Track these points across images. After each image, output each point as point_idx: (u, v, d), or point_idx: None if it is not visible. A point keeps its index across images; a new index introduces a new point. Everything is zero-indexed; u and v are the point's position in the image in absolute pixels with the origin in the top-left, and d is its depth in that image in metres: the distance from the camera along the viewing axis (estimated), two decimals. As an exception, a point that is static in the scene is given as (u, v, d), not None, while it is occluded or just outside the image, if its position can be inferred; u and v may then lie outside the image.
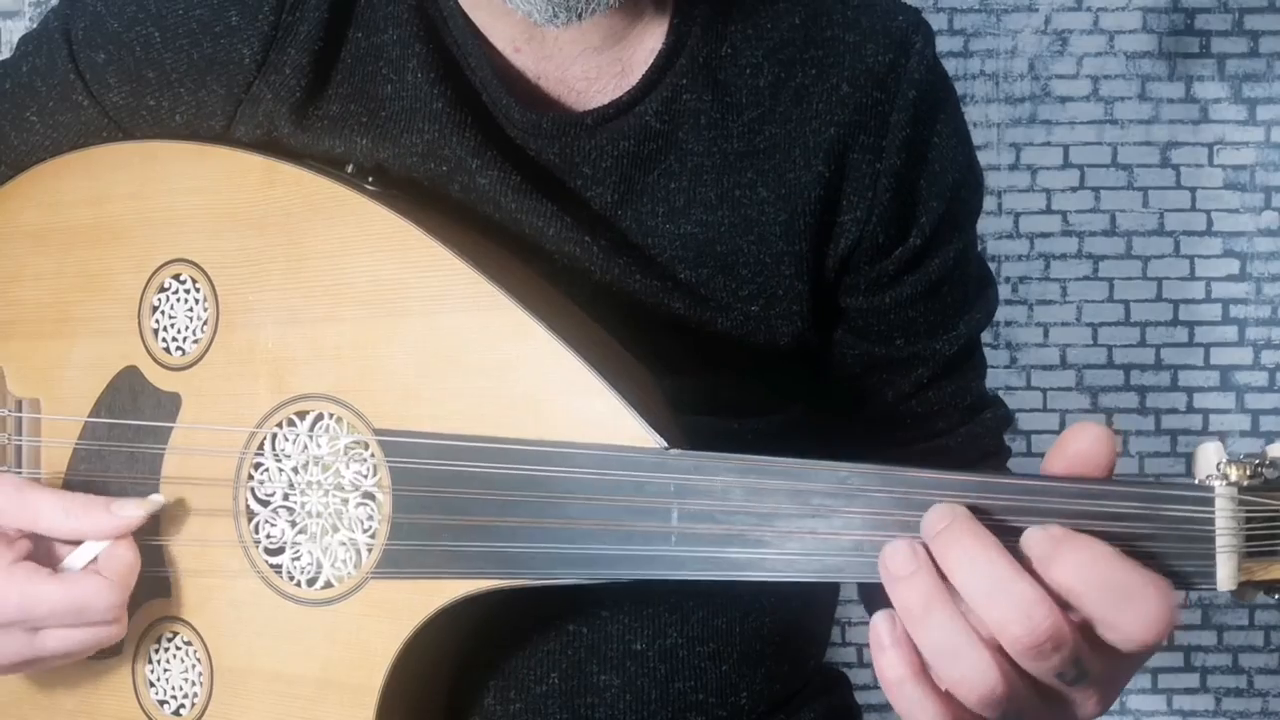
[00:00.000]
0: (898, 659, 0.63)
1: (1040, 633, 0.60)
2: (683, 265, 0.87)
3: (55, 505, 0.80)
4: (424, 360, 0.76)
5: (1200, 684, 1.82)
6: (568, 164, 0.86)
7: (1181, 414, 1.80)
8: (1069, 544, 0.61)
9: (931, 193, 0.90)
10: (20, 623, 0.78)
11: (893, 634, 0.63)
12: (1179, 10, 1.75)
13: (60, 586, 0.77)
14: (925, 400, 0.98)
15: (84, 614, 0.78)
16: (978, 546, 0.61)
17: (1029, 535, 0.62)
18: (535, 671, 0.86)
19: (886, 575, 0.63)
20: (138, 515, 0.80)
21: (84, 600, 0.78)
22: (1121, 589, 0.60)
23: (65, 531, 0.80)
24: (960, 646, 0.61)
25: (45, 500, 0.80)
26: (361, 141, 0.85)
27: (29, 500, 0.80)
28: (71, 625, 0.78)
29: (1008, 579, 0.60)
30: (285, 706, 0.79)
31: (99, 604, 0.78)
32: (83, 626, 0.78)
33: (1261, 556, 0.62)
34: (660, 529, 0.69)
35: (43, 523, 0.80)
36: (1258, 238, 1.79)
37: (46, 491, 0.81)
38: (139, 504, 0.80)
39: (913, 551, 0.63)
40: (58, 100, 0.89)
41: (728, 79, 0.87)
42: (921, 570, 0.62)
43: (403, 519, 0.76)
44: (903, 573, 0.62)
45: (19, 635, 0.78)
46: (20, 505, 0.80)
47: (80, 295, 0.87)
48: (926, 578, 0.62)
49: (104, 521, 0.80)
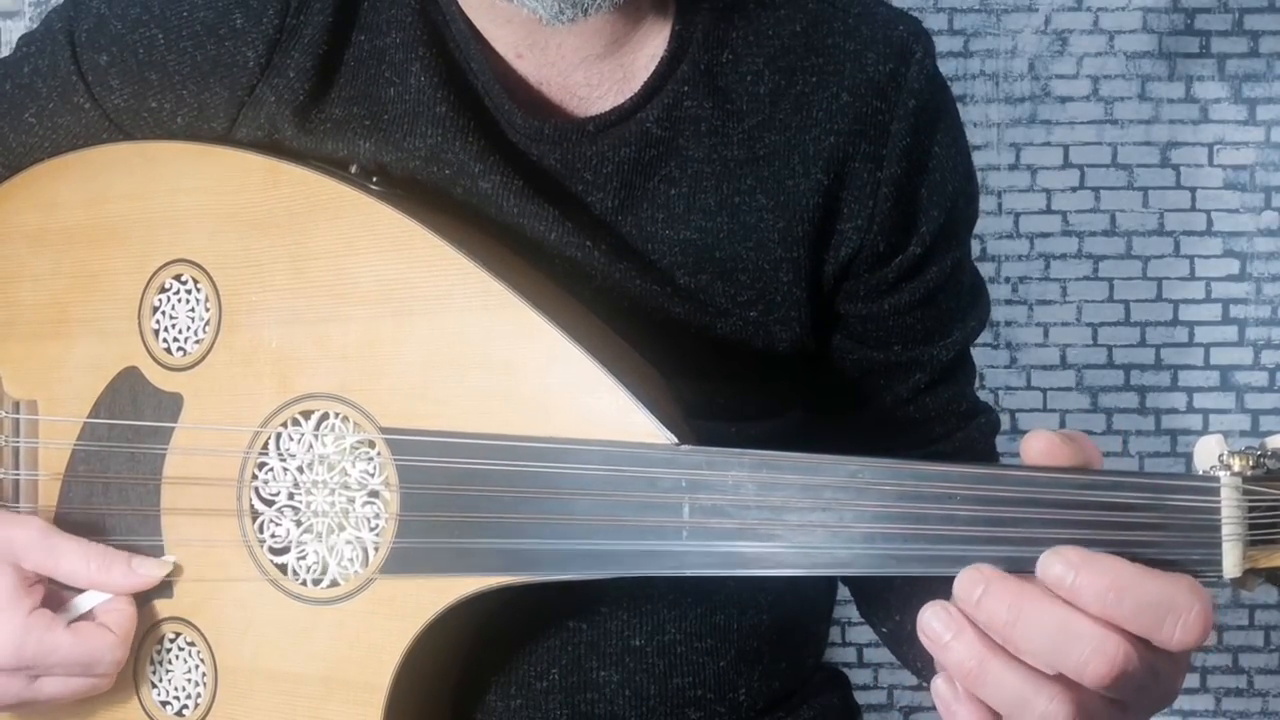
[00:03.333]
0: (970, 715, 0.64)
1: (1119, 663, 0.61)
2: (682, 271, 0.87)
3: (78, 555, 0.81)
4: (431, 359, 0.76)
5: (1200, 684, 1.83)
6: (569, 170, 0.86)
7: (1181, 414, 1.81)
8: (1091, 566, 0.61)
9: (932, 201, 0.91)
10: (28, 669, 0.79)
11: (955, 693, 0.64)
12: (1179, 10, 1.76)
13: (75, 639, 0.79)
14: (922, 406, 0.99)
15: (90, 668, 0.80)
16: (1028, 600, 0.62)
17: (1045, 562, 0.62)
18: (536, 668, 0.87)
19: (932, 643, 0.64)
20: (157, 576, 0.81)
21: (94, 654, 0.80)
22: (1155, 605, 0.61)
23: (83, 580, 0.81)
24: (1025, 692, 0.62)
25: (69, 549, 0.81)
26: (364, 145, 0.85)
27: (54, 546, 0.81)
28: (74, 675, 0.80)
29: (1069, 622, 0.61)
30: (291, 706, 0.79)
31: (107, 659, 0.80)
32: (83, 677, 0.80)
33: (1265, 545, 0.63)
34: (672, 524, 0.70)
35: (64, 570, 0.81)
36: (1258, 238, 1.79)
37: (70, 539, 0.82)
38: (159, 564, 0.82)
39: (949, 614, 0.63)
40: (58, 102, 0.89)
41: (728, 86, 0.87)
42: (965, 629, 0.63)
43: (410, 517, 0.76)
44: (947, 636, 0.63)
45: (21, 679, 0.80)
46: (45, 551, 0.81)
47: (78, 296, 0.87)
48: (971, 635, 0.63)
49: (125, 579, 0.81)
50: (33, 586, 0.81)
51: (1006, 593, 0.62)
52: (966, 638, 0.63)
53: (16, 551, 0.80)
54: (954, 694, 0.64)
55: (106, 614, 0.81)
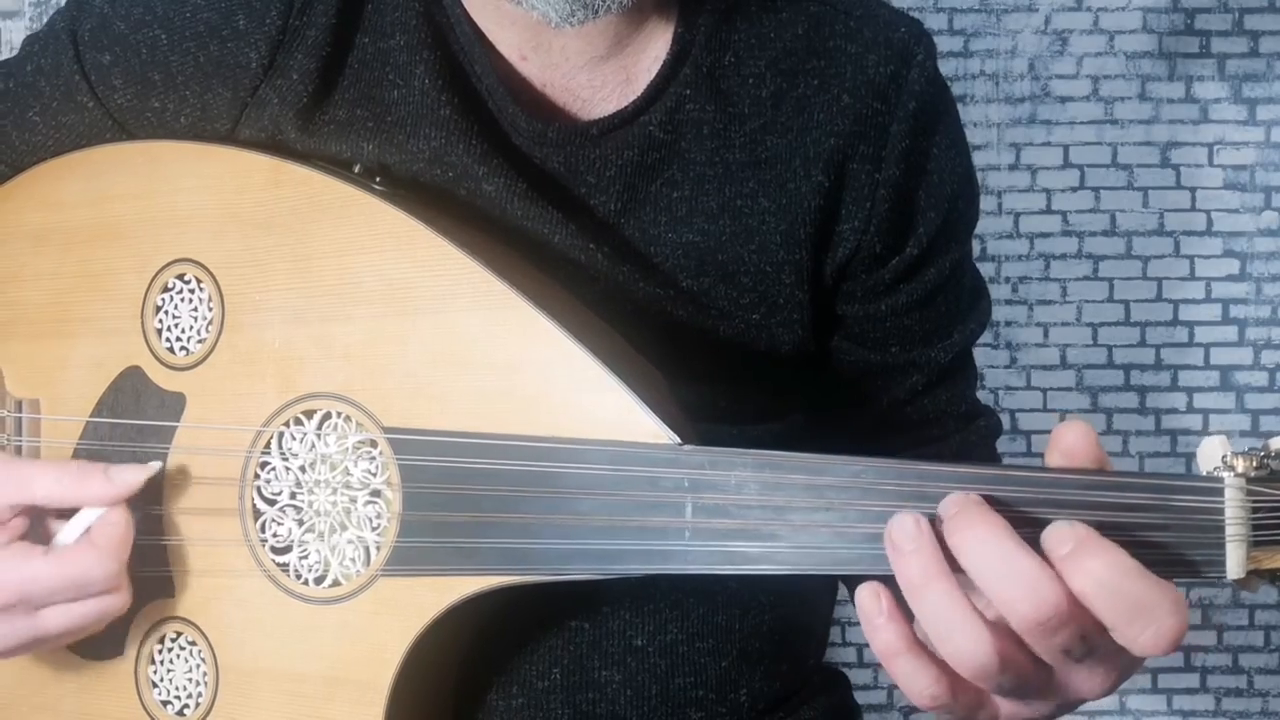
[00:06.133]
0: (893, 633, 0.64)
1: (1046, 609, 0.61)
2: (684, 274, 0.88)
3: (49, 474, 0.78)
4: (434, 358, 0.76)
5: (1200, 684, 1.82)
6: (572, 172, 0.86)
7: (1181, 414, 1.81)
8: (1091, 548, 0.61)
9: (930, 203, 0.91)
10: (20, 604, 0.77)
11: (879, 607, 0.64)
12: (1179, 10, 1.76)
13: (55, 563, 0.76)
14: (920, 407, 0.99)
15: (83, 588, 0.77)
16: (986, 527, 0.62)
17: (1053, 529, 0.62)
18: (537, 667, 0.87)
19: (891, 547, 0.64)
20: (137, 480, 0.79)
21: (81, 574, 0.77)
22: (1136, 603, 0.61)
23: (61, 499, 0.78)
24: (956, 620, 0.62)
25: (38, 471, 0.79)
26: (367, 146, 0.85)
27: (21, 473, 0.79)
28: (72, 600, 0.77)
29: (1013, 557, 0.61)
30: (293, 705, 0.79)
31: (96, 575, 0.77)
32: (84, 600, 0.77)
33: (1268, 545, 0.64)
34: (674, 524, 0.70)
35: (38, 493, 0.78)
36: (1258, 238, 1.79)
37: (39, 462, 0.80)
38: (137, 469, 0.79)
39: (916, 525, 0.63)
40: (62, 100, 0.89)
41: (730, 89, 0.87)
42: (924, 544, 0.63)
43: (413, 516, 0.76)
44: (906, 546, 0.63)
45: (20, 616, 0.77)
46: (12, 478, 0.78)
47: (81, 296, 0.87)
48: (928, 551, 0.63)
49: (101, 488, 0.78)
50: (9, 523, 0.78)
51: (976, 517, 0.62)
52: (925, 549, 0.63)
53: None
54: (878, 608, 0.63)
55: (96, 531, 0.78)
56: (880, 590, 0.63)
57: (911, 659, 0.64)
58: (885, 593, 0.64)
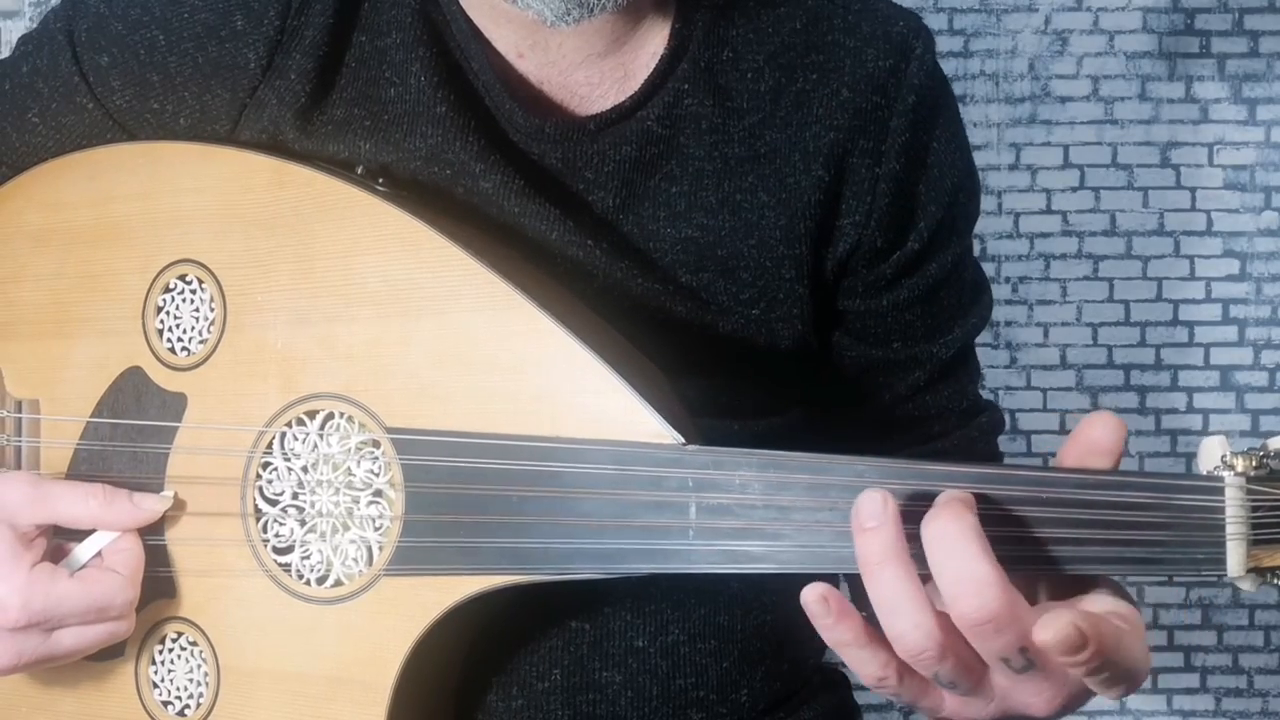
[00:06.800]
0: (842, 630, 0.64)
1: (987, 611, 0.61)
2: (684, 269, 0.87)
3: (75, 495, 0.80)
4: (437, 359, 0.76)
5: (1200, 684, 1.83)
6: (570, 169, 0.86)
7: (1181, 414, 1.81)
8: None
9: (930, 198, 0.91)
10: (41, 624, 0.78)
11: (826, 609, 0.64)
12: (1179, 10, 1.76)
13: (82, 587, 0.78)
14: (922, 403, 0.99)
15: (103, 612, 0.79)
16: (955, 523, 0.63)
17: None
18: (538, 668, 0.87)
19: (855, 522, 0.64)
20: (160, 509, 0.81)
21: (105, 598, 0.79)
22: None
23: (86, 521, 0.80)
24: (903, 601, 0.63)
25: (64, 492, 0.80)
26: (365, 145, 0.85)
27: (48, 494, 0.80)
28: (90, 624, 0.79)
29: (972, 556, 0.62)
30: (295, 705, 0.79)
31: (118, 600, 0.79)
32: (98, 624, 0.79)
33: (1268, 544, 0.64)
34: (678, 523, 0.70)
35: (63, 514, 0.80)
36: (1258, 238, 1.79)
37: (64, 484, 0.81)
38: (160, 499, 0.81)
39: (884, 503, 0.64)
40: (61, 102, 0.89)
41: (729, 84, 0.87)
42: (888, 523, 0.63)
43: (416, 516, 0.76)
44: (869, 523, 0.64)
45: (36, 635, 0.78)
46: (39, 501, 0.80)
47: (82, 296, 0.87)
48: (890, 531, 0.63)
49: (127, 513, 0.80)
50: (33, 542, 0.79)
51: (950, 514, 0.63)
52: (887, 529, 0.63)
53: (9, 509, 0.79)
54: (825, 610, 0.64)
55: (112, 556, 0.80)
56: (828, 593, 0.64)
57: (858, 650, 0.65)
58: (833, 594, 0.64)
